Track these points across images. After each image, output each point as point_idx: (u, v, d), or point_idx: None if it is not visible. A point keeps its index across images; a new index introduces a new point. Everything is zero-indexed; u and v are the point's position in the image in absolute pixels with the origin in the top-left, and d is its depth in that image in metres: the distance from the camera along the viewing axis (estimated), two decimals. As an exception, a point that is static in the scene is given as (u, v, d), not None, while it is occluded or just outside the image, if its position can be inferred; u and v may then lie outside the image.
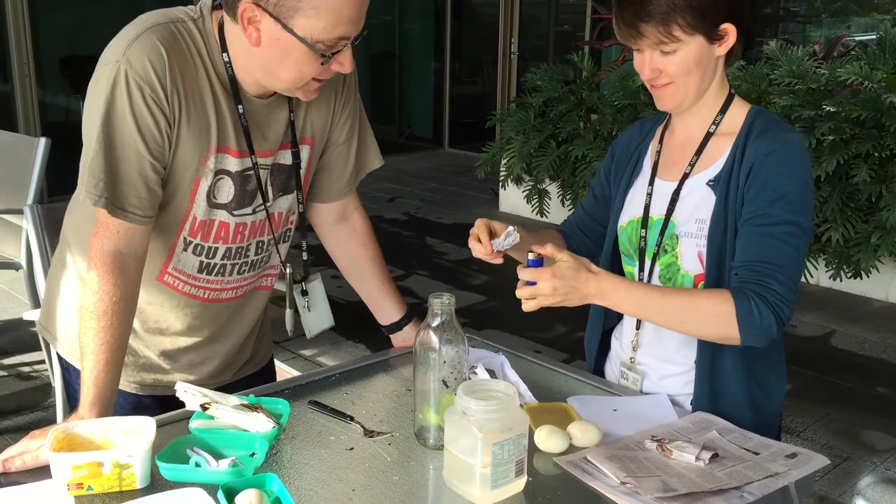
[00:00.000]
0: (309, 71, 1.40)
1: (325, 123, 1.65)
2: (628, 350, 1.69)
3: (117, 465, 1.22)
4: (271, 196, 1.59)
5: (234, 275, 1.62)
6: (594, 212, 1.81)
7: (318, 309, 1.65)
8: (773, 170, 1.46)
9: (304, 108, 1.59)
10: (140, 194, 1.43)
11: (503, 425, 1.22)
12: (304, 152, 1.63)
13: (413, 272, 5.41)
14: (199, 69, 1.45)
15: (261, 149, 1.54)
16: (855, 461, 3.26)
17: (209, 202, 1.52)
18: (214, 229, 1.55)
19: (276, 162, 1.58)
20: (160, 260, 1.56)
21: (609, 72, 6.06)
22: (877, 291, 5.06)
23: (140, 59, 1.38)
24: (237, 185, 1.53)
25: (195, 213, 1.52)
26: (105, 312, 1.41)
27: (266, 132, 1.54)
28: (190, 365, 1.68)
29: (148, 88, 1.38)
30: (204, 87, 1.45)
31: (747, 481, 1.28)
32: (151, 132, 1.41)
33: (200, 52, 1.45)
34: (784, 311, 1.41)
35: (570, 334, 4.33)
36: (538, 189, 6.19)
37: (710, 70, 1.52)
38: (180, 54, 1.42)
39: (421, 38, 10.04)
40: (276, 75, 1.42)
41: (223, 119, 1.48)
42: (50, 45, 6.83)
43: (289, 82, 1.43)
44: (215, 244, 1.56)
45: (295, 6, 1.33)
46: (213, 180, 1.50)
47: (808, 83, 4.85)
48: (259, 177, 1.54)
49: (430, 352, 1.36)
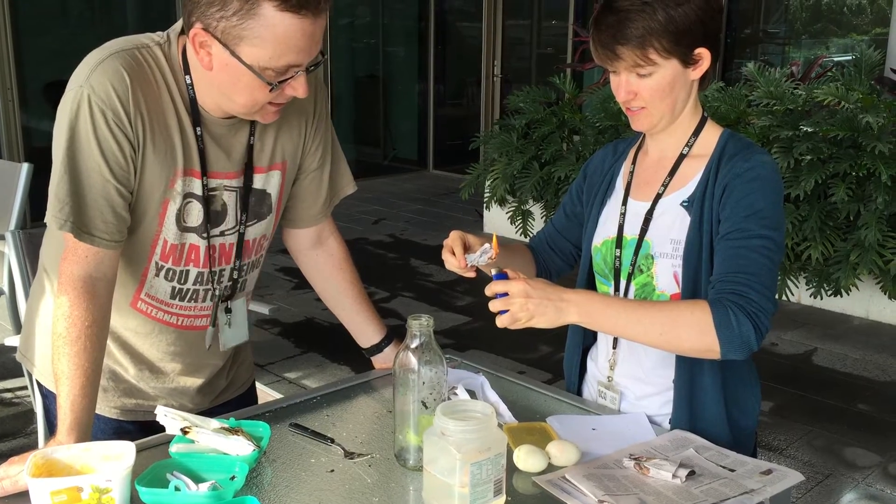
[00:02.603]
0: (261, 96, 1.42)
1: (296, 149, 1.66)
2: (605, 369, 1.71)
3: (97, 489, 1.22)
4: (242, 220, 1.60)
5: (206, 301, 1.63)
6: (564, 229, 1.82)
7: (238, 325, 1.67)
8: (746, 188, 1.49)
9: (273, 134, 1.61)
10: (106, 218, 1.44)
11: (481, 445, 1.23)
12: (276, 178, 1.63)
13: (398, 294, 5.42)
14: (162, 93, 1.46)
15: (224, 170, 1.55)
16: (836, 478, 3.28)
17: (179, 225, 1.53)
18: (185, 252, 1.55)
19: (245, 185, 1.59)
20: (132, 286, 1.57)
21: (591, 94, 6.12)
22: (857, 309, 5.10)
23: (103, 84, 1.39)
24: (205, 207, 1.54)
25: (165, 237, 1.53)
26: (78, 337, 1.41)
27: (230, 153, 1.55)
28: (171, 390, 1.68)
29: (111, 113, 1.40)
30: (168, 111, 1.47)
31: (723, 498, 1.30)
32: (115, 156, 1.42)
33: (165, 76, 1.47)
34: (762, 321, 1.41)
35: (553, 355, 4.34)
36: (522, 210, 6.22)
37: (684, 93, 1.55)
38: (143, 79, 1.44)
39: (405, 61, 10.10)
40: (231, 99, 1.44)
41: (188, 142, 1.50)
42: (33, 70, 6.83)
43: (243, 106, 1.45)
44: (186, 267, 1.57)
45: (240, 34, 1.34)
46: (181, 203, 1.51)
47: (786, 104, 4.92)
48: (224, 199, 1.56)
49: (409, 373, 1.37)
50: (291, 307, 5.10)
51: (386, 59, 9.97)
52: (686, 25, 1.47)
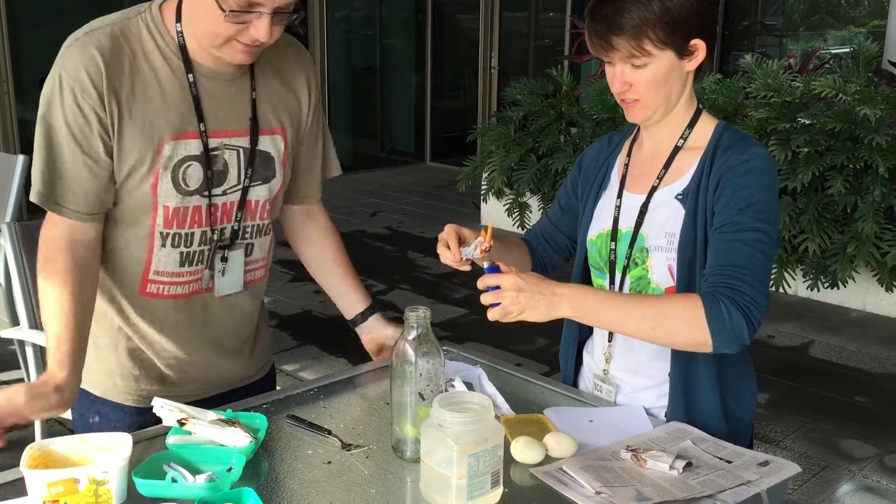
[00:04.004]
0: (221, 27, 1.44)
1: (295, 120, 1.69)
2: (600, 362, 1.71)
3: (93, 481, 1.22)
4: (245, 180, 1.61)
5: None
6: (559, 222, 1.83)
7: (233, 274, 1.68)
8: (741, 180, 1.48)
9: (273, 98, 1.64)
10: (75, 189, 1.49)
11: (478, 437, 1.23)
12: (279, 142, 1.66)
13: (395, 286, 5.42)
14: (139, 63, 1.50)
15: (224, 128, 1.57)
16: (833, 470, 3.29)
17: (179, 189, 1.54)
18: (189, 215, 1.57)
19: (248, 146, 1.60)
20: (139, 271, 1.58)
21: (588, 86, 6.12)
22: (854, 301, 5.11)
23: (74, 64, 1.46)
24: (204, 167, 1.55)
25: (165, 203, 1.54)
26: (63, 283, 1.47)
27: (231, 111, 1.58)
28: (198, 369, 1.68)
29: (79, 90, 1.45)
30: (149, 80, 1.50)
31: (720, 489, 1.30)
32: (83, 131, 1.47)
33: (144, 44, 1.51)
34: (754, 314, 1.41)
35: (550, 347, 4.35)
36: (519, 202, 6.22)
37: (679, 85, 1.54)
38: (118, 54, 1.48)
39: (402, 53, 10.08)
40: (196, 24, 1.48)
41: (175, 105, 1.52)
42: (29, 62, 6.80)
43: (205, 35, 1.48)
44: (191, 229, 1.58)
45: None
46: (178, 168, 1.53)
47: (784, 96, 4.92)
48: (225, 157, 1.57)
49: (406, 365, 1.37)
50: (289, 299, 5.10)
51: (383, 52, 9.95)
52: (681, 16, 1.47)
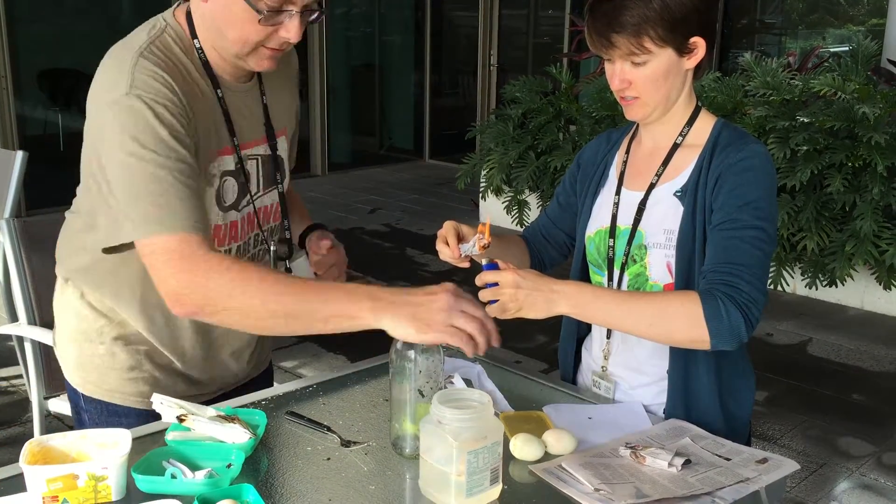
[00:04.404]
0: (252, 32, 1.41)
1: (291, 117, 1.71)
2: (599, 360, 1.71)
3: (92, 477, 1.22)
4: (262, 188, 1.62)
5: None
6: (558, 219, 1.83)
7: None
8: (740, 178, 1.49)
9: (277, 99, 1.64)
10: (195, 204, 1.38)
11: (478, 434, 1.24)
12: (283, 143, 1.67)
13: (394, 283, 5.42)
14: (185, 77, 1.46)
15: (248, 140, 1.57)
16: (831, 467, 3.29)
17: (221, 206, 1.54)
18: (228, 230, 1.57)
19: (265, 153, 1.61)
20: None
21: (587, 83, 6.12)
22: (852, 299, 5.12)
23: (147, 83, 1.37)
24: (237, 181, 1.56)
25: (214, 222, 1.52)
26: (249, 268, 1.35)
27: (250, 120, 1.58)
28: (196, 380, 1.67)
29: (169, 104, 1.37)
30: (196, 97, 1.46)
31: (719, 486, 1.30)
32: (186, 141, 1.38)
33: (181, 61, 1.46)
34: (752, 312, 1.41)
35: (549, 344, 4.35)
36: (518, 200, 6.22)
37: (678, 82, 1.54)
38: (173, 72, 1.42)
39: (401, 51, 10.07)
40: (223, 34, 1.43)
41: (213, 122, 1.50)
42: (28, 57, 6.80)
43: (234, 43, 1.43)
44: (230, 245, 1.59)
45: None
46: (218, 185, 1.52)
47: (783, 94, 4.92)
48: (248, 168, 1.57)
49: (405, 362, 1.37)
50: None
51: (382, 49, 9.94)
52: (681, 14, 1.47)
